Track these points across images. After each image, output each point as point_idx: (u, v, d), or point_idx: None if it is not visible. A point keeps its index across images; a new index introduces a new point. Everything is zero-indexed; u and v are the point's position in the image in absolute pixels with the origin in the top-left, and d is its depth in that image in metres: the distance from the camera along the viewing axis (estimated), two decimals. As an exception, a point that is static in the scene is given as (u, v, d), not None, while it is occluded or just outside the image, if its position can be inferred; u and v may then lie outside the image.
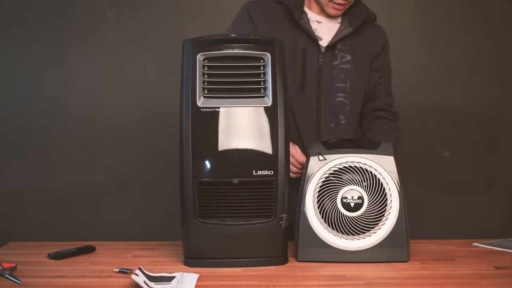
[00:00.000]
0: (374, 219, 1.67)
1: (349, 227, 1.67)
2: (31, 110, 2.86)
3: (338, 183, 1.68)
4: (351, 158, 1.69)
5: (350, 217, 1.67)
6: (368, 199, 1.67)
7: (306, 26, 2.03)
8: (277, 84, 1.65)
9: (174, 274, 1.53)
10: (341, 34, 2.03)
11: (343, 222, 1.67)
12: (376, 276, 1.57)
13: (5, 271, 1.53)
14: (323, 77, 2.03)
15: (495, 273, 1.61)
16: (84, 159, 2.88)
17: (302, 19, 2.03)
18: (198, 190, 1.63)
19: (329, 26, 2.05)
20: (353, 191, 1.67)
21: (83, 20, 2.84)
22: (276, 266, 1.65)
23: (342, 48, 2.04)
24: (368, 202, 1.67)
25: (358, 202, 1.66)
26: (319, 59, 2.03)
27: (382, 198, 1.67)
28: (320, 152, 1.71)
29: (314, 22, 2.06)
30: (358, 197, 1.67)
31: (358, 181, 1.67)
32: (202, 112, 1.63)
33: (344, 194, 1.67)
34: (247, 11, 2.08)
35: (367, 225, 1.67)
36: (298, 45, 2.02)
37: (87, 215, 2.87)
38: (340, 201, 1.67)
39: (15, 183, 2.87)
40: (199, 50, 1.65)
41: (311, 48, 2.02)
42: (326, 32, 2.05)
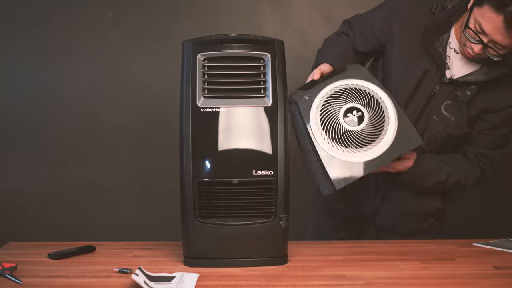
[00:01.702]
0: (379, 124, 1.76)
1: (360, 140, 1.74)
2: (31, 110, 2.86)
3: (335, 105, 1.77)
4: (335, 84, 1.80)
5: (358, 131, 1.75)
6: (367, 111, 1.76)
7: (439, 50, 1.90)
8: (277, 84, 1.65)
9: (174, 274, 1.53)
10: (472, 77, 1.90)
11: (355, 139, 1.75)
12: (376, 276, 1.57)
13: (5, 271, 1.53)
14: (431, 106, 1.93)
15: (495, 273, 1.61)
16: (84, 159, 2.88)
17: (440, 41, 1.90)
18: (198, 190, 1.63)
19: (464, 62, 1.93)
20: (351, 108, 1.76)
21: (83, 20, 2.85)
22: (276, 266, 1.65)
23: (464, 89, 1.91)
24: (368, 114, 1.76)
25: (359, 115, 1.75)
26: (436, 87, 1.92)
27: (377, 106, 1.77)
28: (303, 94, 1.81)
29: (452, 49, 1.93)
30: (356, 111, 1.76)
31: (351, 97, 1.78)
32: (202, 112, 1.63)
33: (345, 113, 1.76)
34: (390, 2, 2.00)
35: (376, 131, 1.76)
36: (422, 61, 1.92)
37: (87, 215, 2.88)
38: (343, 120, 1.75)
39: (15, 183, 2.87)
40: (199, 50, 1.65)
41: (434, 73, 1.92)
42: (458, 65, 1.93)
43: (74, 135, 2.87)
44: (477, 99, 1.93)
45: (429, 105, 1.94)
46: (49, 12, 2.84)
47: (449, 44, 1.93)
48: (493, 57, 1.84)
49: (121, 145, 2.88)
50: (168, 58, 2.61)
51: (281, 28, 2.84)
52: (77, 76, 2.86)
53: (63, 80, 2.86)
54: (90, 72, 2.86)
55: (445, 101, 1.93)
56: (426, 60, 1.93)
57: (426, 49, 1.93)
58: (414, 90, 1.94)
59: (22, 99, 2.86)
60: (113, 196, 2.89)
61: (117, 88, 2.87)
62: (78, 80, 2.86)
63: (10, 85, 2.86)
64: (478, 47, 1.83)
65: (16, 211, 2.87)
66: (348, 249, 1.85)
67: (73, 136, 2.87)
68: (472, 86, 1.92)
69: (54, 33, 2.84)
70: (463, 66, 1.93)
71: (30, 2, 2.83)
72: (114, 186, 2.88)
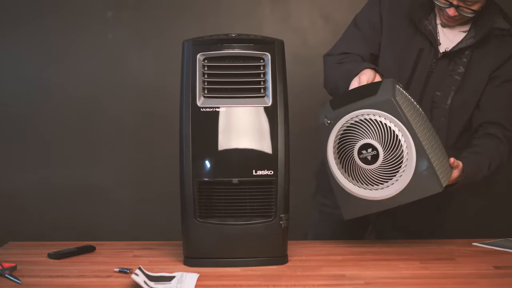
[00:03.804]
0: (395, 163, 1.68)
1: (376, 179, 1.70)
2: (30, 110, 2.86)
3: (349, 143, 1.70)
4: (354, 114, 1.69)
5: (372, 170, 1.69)
6: (382, 146, 1.68)
7: (429, 28, 1.96)
8: (277, 84, 1.65)
9: (174, 274, 1.53)
10: (464, 43, 1.95)
11: (369, 177, 1.70)
12: (376, 276, 1.57)
13: (5, 271, 1.53)
14: (431, 82, 1.96)
15: (495, 273, 1.61)
16: (84, 159, 2.88)
17: (427, 19, 1.98)
18: (198, 190, 1.63)
19: (453, 32, 1.97)
20: (366, 145, 1.69)
21: (83, 20, 2.84)
22: (276, 266, 1.65)
23: (460, 58, 1.96)
24: (382, 150, 1.68)
25: (373, 153, 1.68)
26: (432, 63, 1.96)
27: (395, 141, 1.67)
28: (326, 115, 1.73)
29: (439, 24, 1.98)
30: (371, 149, 1.68)
31: (367, 132, 1.69)
32: (202, 112, 1.63)
33: (359, 150, 1.69)
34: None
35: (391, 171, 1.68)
36: (415, 43, 1.96)
37: (87, 215, 2.88)
38: (358, 158, 1.70)
39: (15, 183, 2.87)
40: (199, 50, 1.65)
41: (428, 50, 1.96)
42: (448, 39, 1.97)
43: (74, 135, 2.87)
44: (476, 62, 1.96)
45: (429, 83, 1.96)
46: (49, 11, 2.83)
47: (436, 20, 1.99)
48: (469, 14, 1.90)
49: (121, 145, 2.88)
50: (168, 58, 2.62)
51: (281, 28, 2.84)
52: (77, 76, 2.86)
53: (62, 80, 2.85)
54: (90, 72, 2.85)
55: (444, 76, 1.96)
56: (419, 40, 1.97)
57: (416, 29, 1.97)
58: (412, 71, 1.96)
59: (21, 98, 2.86)
60: (113, 196, 2.89)
61: (117, 88, 2.87)
62: (78, 80, 2.86)
63: (9, 84, 2.86)
64: (451, 10, 1.89)
65: (16, 211, 2.87)
66: (348, 249, 1.85)
67: (73, 136, 2.87)
68: (466, 52, 1.96)
69: (54, 32, 2.84)
70: (453, 38, 1.98)
71: (30, 2, 2.83)
72: (114, 186, 2.88)
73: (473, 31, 1.96)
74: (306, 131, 2.78)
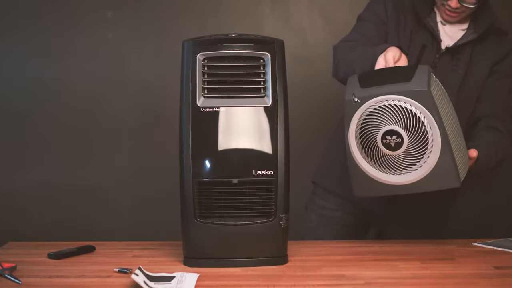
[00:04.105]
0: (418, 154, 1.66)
1: (395, 165, 1.68)
2: (31, 110, 2.86)
3: (375, 126, 1.67)
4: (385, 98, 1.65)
5: (394, 156, 1.67)
6: (407, 135, 1.65)
7: (431, 24, 1.98)
8: (277, 84, 1.65)
9: (174, 274, 1.53)
10: (465, 39, 1.98)
11: (388, 161, 1.68)
12: (376, 276, 1.57)
13: (5, 271, 1.53)
14: None
15: (495, 273, 1.61)
16: (84, 159, 2.88)
17: (430, 16, 1.99)
18: (198, 190, 1.63)
19: (452, 30, 2.00)
20: (391, 131, 1.66)
21: (84, 20, 2.84)
22: (276, 266, 1.65)
23: (462, 53, 1.98)
24: (408, 139, 1.65)
25: (398, 141, 1.66)
26: (435, 58, 1.98)
27: (422, 132, 1.64)
28: (354, 93, 1.69)
29: (439, 22, 2.00)
30: (396, 136, 1.66)
31: (394, 119, 1.65)
32: (202, 112, 1.63)
33: (383, 135, 1.67)
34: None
35: (412, 161, 1.67)
36: (417, 39, 1.97)
37: (87, 215, 2.88)
38: (380, 142, 1.67)
39: (15, 183, 2.87)
40: (199, 50, 1.65)
41: (431, 45, 1.97)
42: (448, 36, 2.00)
43: (74, 135, 2.87)
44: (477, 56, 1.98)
45: None
46: (49, 11, 2.84)
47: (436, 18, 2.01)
48: (470, 5, 1.92)
49: (121, 145, 2.88)
50: (168, 57, 2.62)
51: (281, 28, 2.84)
52: (77, 76, 2.86)
53: (63, 80, 2.85)
54: (90, 72, 2.85)
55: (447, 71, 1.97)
56: (422, 35, 1.98)
57: (419, 25, 1.98)
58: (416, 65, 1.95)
59: (21, 98, 2.86)
60: (113, 196, 2.89)
61: (117, 88, 2.87)
62: (78, 80, 2.86)
63: (9, 84, 2.86)
64: (453, 2, 1.91)
65: (16, 211, 2.86)
66: (348, 249, 1.85)
67: (73, 136, 2.87)
68: (467, 48, 1.98)
69: (54, 32, 2.84)
70: (453, 35, 2.00)
71: (31, 2, 2.83)
72: (114, 186, 2.88)
73: (472, 28, 1.99)
74: (306, 131, 2.79)
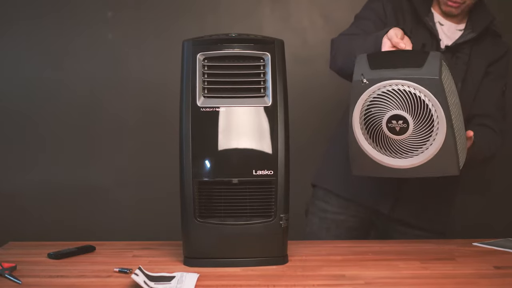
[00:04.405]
0: (422, 140, 1.65)
1: (398, 149, 1.67)
2: (31, 110, 2.86)
3: (381, 108, 1.66)
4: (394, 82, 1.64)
5: (397, 140, 1.66)
6: (413, 122, 1.64)
7: (430, 24, 2.00)
8: (277, 84, 1.65)
9: (174, 274, 1.53)
10: (464, 38, 2.00)
11: (391, 145, 1.67)
12: (376, 276, 1.57)
13: (5, 271, 1.53)
14: None
15: (495, 273, 1.61)
16: (84, 159, 2.88)
17: (428, 16, 2.01)
18: (198, 190, 1.63)
19: (450, 30, 2.03)
20: (397, 116, 1.65)
21: (83, 20, 2.84)
22: (276, 266, 1.65)
23: (461, 52, 2.00)
24: (413, 125, 1.64)
25: (403, 126, 1.65)
26: None
27: (428, 119, 1.63)
28: (363, 73, 1.66)
29: (437, 23, 2.03)
30: (402, 121, 1.64)
31: (402, 104, 1.64)
32: (202, 112, 1.63)
33: (389, 119, 1.65)
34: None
35: (415, 146, 1.66)
36: (417, 38, 1.97)
37: (87, 215, 2.88)
38: (385, 126, 1.66)
39: (15, 183, 2.87)
40: (199, 50, 1.65)
41: (430, 45, 1.99)
42: (446, 36, 2.02)
43: (74, 135, 2.87)
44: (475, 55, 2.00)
45: None
46: (49, 11, 2.84)
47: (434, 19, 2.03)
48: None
49: (121, 145, 2.88)
50: (168, 57, 2.62)
51: (281, 28, 2.84)
52: (77, 76, 2.86)
53: (62, 80, 2.85)
54: (90, 72, 2.85)
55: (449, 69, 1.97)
56: (421, 34, 1.99)
57: (418, 23, 2.00)
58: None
59: (21, 98, 2.86)
60: (113, 196, 2.89)
61: (117, 88, 2.87)
62: (78, 80, 2.86)
63: (9, 84, 2.86)
64: None
65: (16, 211, 2.86)
66: (348, 249, 1.85)
67: (73, 136, 2.87)
68: (465, 47, 2.00)
69: (54, 32, 2.84)
70: (451, 35, 2.02)
71: (31, 1, 2.83)
72: (114, 186, 2.88)
73: (470, 28, 2.02)
74: (306, 131, 2.79)
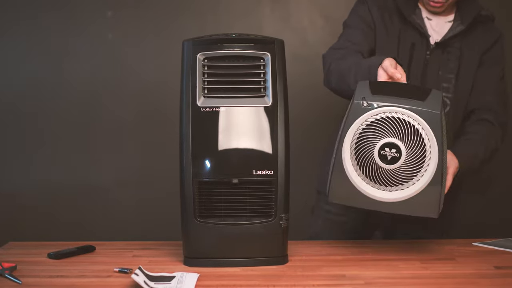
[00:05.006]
0: (410, 174, 1.63)
1: (385, 179, 1.64)
2: (30, 110, 2.86)
3: (376, 134, 1.64)
4: (394, 109, 1.62)
5: (386, 169, 1.64)
6: (406, 153, 1.62)
7: (418, 21, 1.98)
8: (277, 84, 1.65)
9: (174, 274, 1.53)
10: (453, 32, 1.98)
11: (378, 173, 1.64)
12: (376, 276, 1.57)
13: (5, 271, 1.53)
14: (429, 74, 1.98)
15: (495, 273, 1.61)
16: (84, 159, 2.88)
17: (415, 14, 2.00)
18: (198, 190, 1.63)
19: (439, 24, 2.01)
20: (391, 144, 1.63)
21: (83, 19, 2.84)
22: (276, 266, 1.65)
23: (452, 46, 1.99)
24: (406, 156, 1.62)
25: (395, 155, 1.63)
26: (426, 55, 1.98)
27: (421, 153, 1.62)
28: (365, 97, 1.65)
29: (425, 18, 2.01)
30: (396, 150, 1.63)
31: (398, 133, 1.62)
32: (202, 112, 1.63)
33: (382, 146, 1.63)
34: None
35: (402, 179, 1.64)
36: (406, 38, 1.98)
37: (87, 215, 2.87)
38: (377, 152, 1.63)
39: (15, 183, 2.87)
40: (199, 50, 1.65)
41: (420, 43, 1.98)
42: (435, 31, 2.00)
43: (74, 135, 2.87)
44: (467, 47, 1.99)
45: (427, 75, 1.98)
46: (49, 10, 2.83)
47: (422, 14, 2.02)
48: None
49: (121, 145, 2.88)
50: (168, 56, 2.61)
51: (281, 28, 2.84)
52: (76, 75, 2.85)
53: (62, 80, 2.85)
54: (89, 71, 2.85)
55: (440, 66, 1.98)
56: (410, 35, 1.99)
57: (406, 24, 1.99)
58: (407, 66, 1.97)
59: (21, 98, 2.86)
60: (113, 196, 2.88)
61: (117, 88, 2.87)
62: (77, 79, 2.85)
63: (9, 84, 2.86)
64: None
65: (16, 211, 2.86)
66: (348, 249, 1.85)
67: (73, 136, 2.87)
68: (456, 40, 1.99)
69: (53, 32, 2.83)
70: (440, 30, 2.01)
71: (31, 1, 2.83)
72: (114, 186, 2.88)
73: (458, 19, 2.00)
74: (306, 131, 2.79)
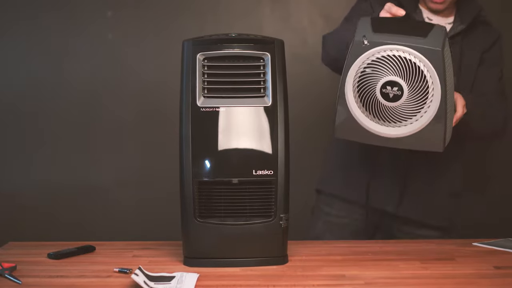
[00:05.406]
0: (413, 110, 1.63)
1: (388, 116, 1.65)
2: (30, 110, 2.86)
3: (377, 73, 1.63)
4: (395, 47, 1.61)
5: (389, 107, 1.64)
6: (408, 90, 1.62)
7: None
8: (277, 84, 1.65)
9: (174, 274, 1.53)
10: (454, 31, 1.99)
11: (381, 111, 1.65)
12: (376, 276, 1.57)
13: (5, 271, 1.53)
14: None
15: (495, 273, 1.61)
16: (84, 159, 2.88)
17: (416, 14, 2.00)
18: (198, 190, 1.63)
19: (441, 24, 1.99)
20: (393, 82, 1.62)
21: (83, 19, 2.84)
22: (276, 266, 1.65)
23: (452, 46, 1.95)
24: (408, 93, 1.62)
25: (397, 93, 1.62)
26: None
27: (424, 90, 1.61)
28: (365, 35, 1.64)
29: (425, 18, 2.02)
30: (397, 88, 1.62)
31: (399, 71, 1.61)
32: (202, 112, 1.63)
33: (384, 85, 1.63)
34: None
35: (406, 115, 1.64)
36: None
37: (87, 215, 2.87)
38: (379, 91, 1.63)
39: (15, 183, 2.87)
40: (199, 50, 1.65)
41: None
42: None
43: (74, 135, 2.87)
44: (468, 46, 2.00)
45: None
46: (49, 10, 2.83)
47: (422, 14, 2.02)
48: None
49: (121, 145, 2.88)
50: (168, 56, 2.61)
51: (281, 28, 2.84)
52: (76, 75, 2.85)
53: (62, 80, 2.85)
54: (89, 71, 2.85)
55: None
56: None
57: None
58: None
59: (21, 98, 2.86)
60: (113, 196, 2.88)
61: (117, 88, 2.87)
62: (77, 79, 2.86)
63: (9, 84, 2.86)
64: None
65: (16, 211, 2.86)
66: (348, 249, 1.85)
67: (73, 136, 2.87)
68: (457, 39, 1.99)
69: (53, 31, 2.84)
70: None
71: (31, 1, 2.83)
72: (114, 186, 2.88)
73: (458, 20, 2.01)
74: (306, 131, 2.79)
